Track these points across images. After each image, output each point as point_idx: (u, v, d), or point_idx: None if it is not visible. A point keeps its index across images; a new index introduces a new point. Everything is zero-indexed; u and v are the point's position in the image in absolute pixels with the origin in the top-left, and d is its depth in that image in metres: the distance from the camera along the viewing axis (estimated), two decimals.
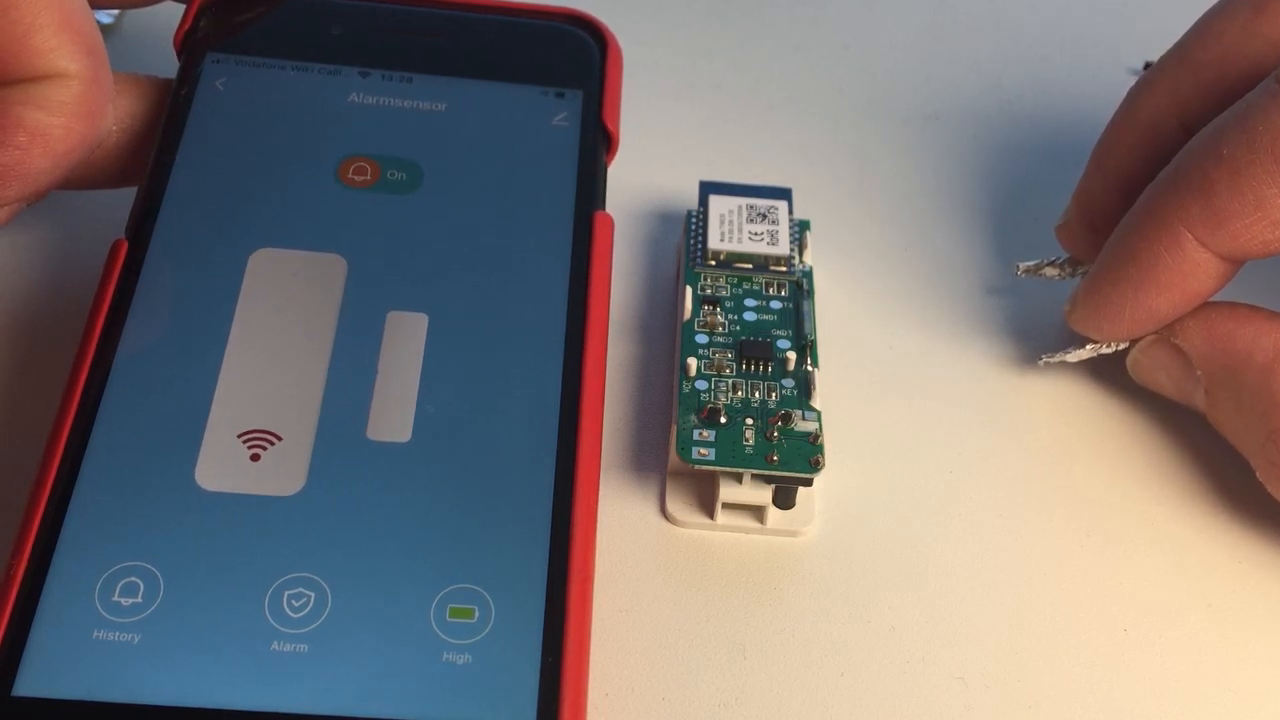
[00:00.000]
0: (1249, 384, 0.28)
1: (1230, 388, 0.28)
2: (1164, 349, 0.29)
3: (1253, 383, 0.28)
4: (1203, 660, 0.27)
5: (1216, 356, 0.28)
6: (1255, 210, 0.26)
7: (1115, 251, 0.29)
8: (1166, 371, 0.30)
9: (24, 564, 0.23)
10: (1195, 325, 0.29)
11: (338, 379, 0.26)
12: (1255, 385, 0.27)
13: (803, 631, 0.27)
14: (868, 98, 0.39)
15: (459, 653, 0.23)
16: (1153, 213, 0.28)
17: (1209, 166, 0.27)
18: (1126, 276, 0.28)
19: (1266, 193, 0.26)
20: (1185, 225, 0.27)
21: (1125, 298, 0.29)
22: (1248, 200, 0.26)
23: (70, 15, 0.26)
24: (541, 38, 0.32)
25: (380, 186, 0.29)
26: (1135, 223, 0.28)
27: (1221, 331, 0.28)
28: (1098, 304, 0.29)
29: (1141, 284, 0.28)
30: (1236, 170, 0.26)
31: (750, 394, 0.28)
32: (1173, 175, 0.28)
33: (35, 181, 0.26)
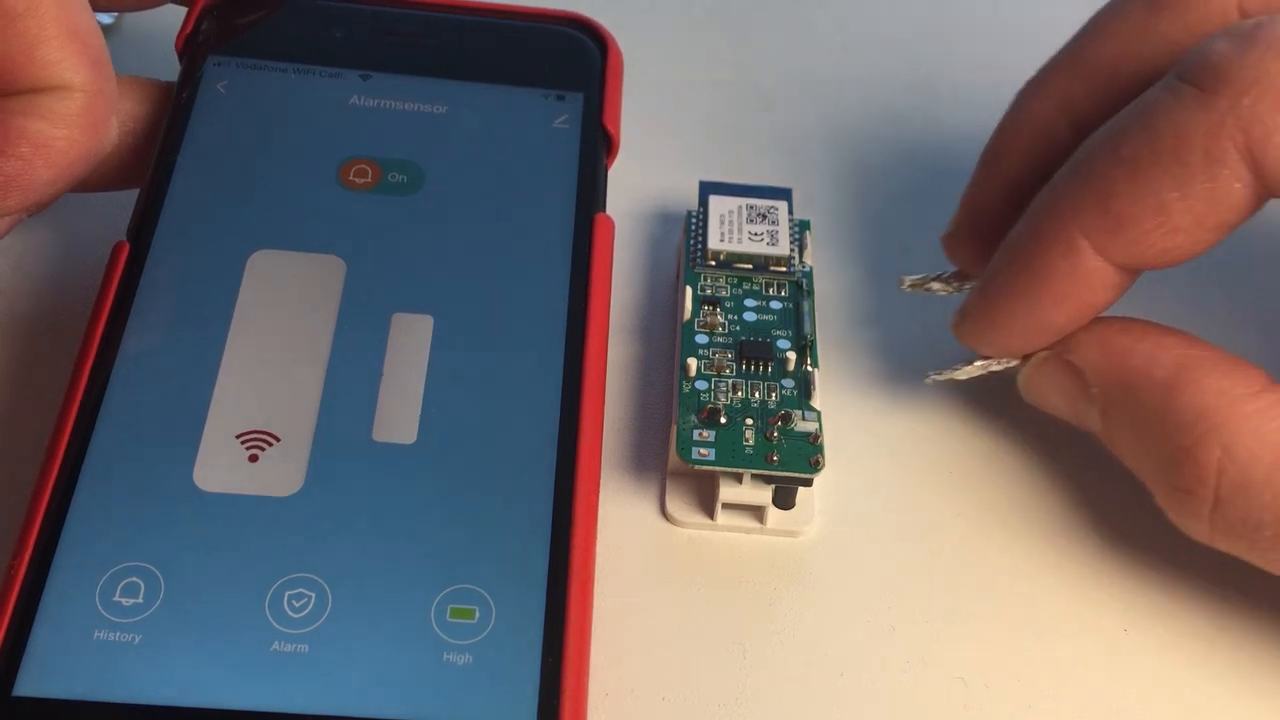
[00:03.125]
0: (1147, 403, 0.26)
1: (1127, 407, 0.26)
2: (1057, 366, 0.28)
3: (1152, 401, 0.26)
4: (1203, 660, 0.27)
5: (1113, 373, 0.27)
6: (1156, 215, 0.25)
7: (1007, 259, 0.27)
8: (1060, 390, 0.28)
9: (25, 564, 0.23)
10: (1090, 340, 0.27)
11: (336, 380, 0.26)
12: (1155, 404, 0.26)
13: (803, 631, 0.27)
14: (868, 98, 0.39)
15: (460, 653, 0.23)
16: (1047, 218, 0.26)
17: (1108, 168, 0.25)
18: (1018, 286, 0.27)
19: (1168, 196, 0.25)
20: (1082, 232, 0.26)
21: (1017, 309, 0.27)
22: (1148, 204, 0.25)
23: (76, 27, 0.26)
24: (542, 41, 0.32)
25: (381, 188, 0.29)
26: (1029, 229, 0.27)
27: (1118, 346, 0.27)
28: (988, 316, 0.28)
29: (1034, 294, 0.27)
30: (1137, 172, 0.25)
31: (750, 394, 0.28)
32: (1069, 178, 0.26)
33: (37, 193, 0.26)
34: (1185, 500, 0.25)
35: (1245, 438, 0.24)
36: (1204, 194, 0.24)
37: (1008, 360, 0.29)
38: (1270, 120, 0.24)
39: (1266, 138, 0.24)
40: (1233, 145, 0.24)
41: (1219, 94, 0.24)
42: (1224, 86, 0.24)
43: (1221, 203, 0.24)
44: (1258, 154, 0.24)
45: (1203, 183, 0.24)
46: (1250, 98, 0.24)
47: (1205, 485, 0.25)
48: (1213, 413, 0.25)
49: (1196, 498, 0.25)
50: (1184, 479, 0.25)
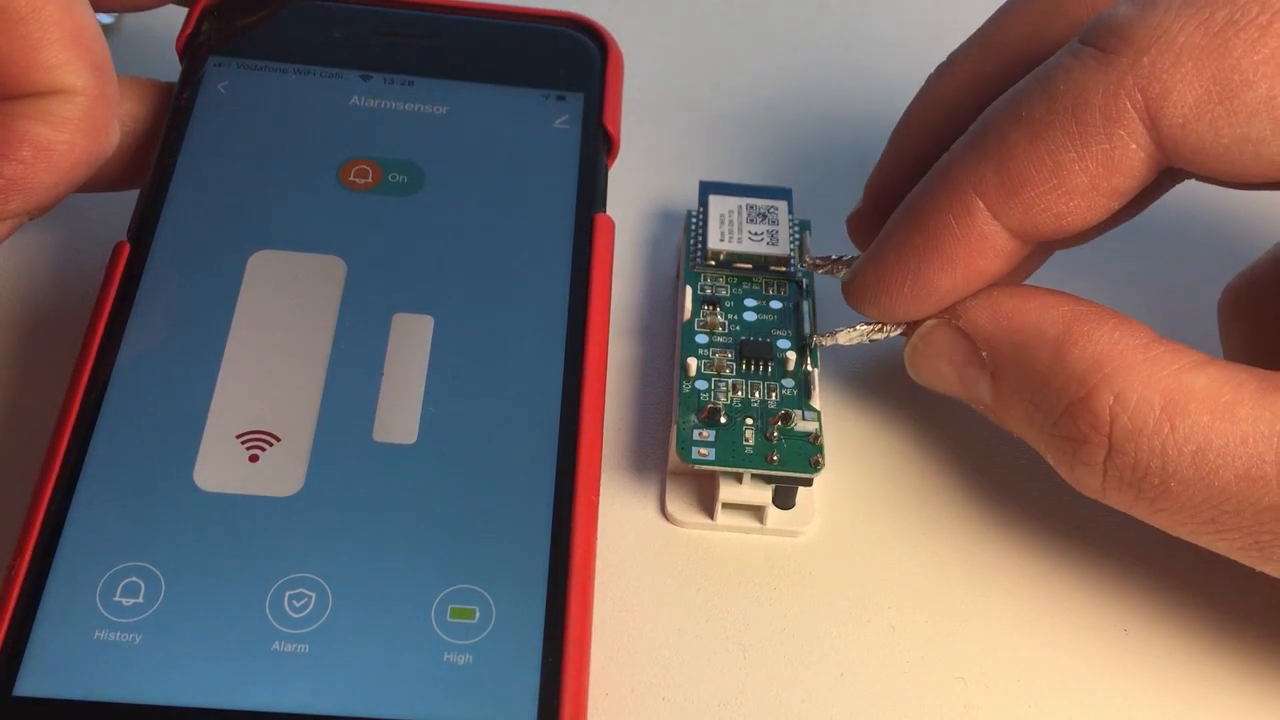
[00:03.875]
0: (1040, 359, 0.26)
1: (1019, 366, 0.26)
2: (946, 332, 0.27)
3: (1044, 358, 0.26)
4: (1203, 660, 0.27)
5: (1003, 334, 0.26)
6: (1052, 176, 0.25)
7: (902, 218, 0.27)
8: (948, 358, 0.28)
9: (26, 564, 0.23)
10: (978, 305, 0.27)
11: (337, 380, 0.26)
12: (1046, 360, 0.26)
13: (803, 631, 0.27)
14: (868, 98, 0.39)
15: (460, 653, 0.23)
16: (944, 178, 0.26)
17: (1006, 129, 0.25)
18: (911, 245, 0.26)
19: (1065, 157, 0.25)
20: (978, 191, 0.25)
21: (907, 270, 0.27)
22: (1045, 165, 0.25)
23: (79, 32, 0.26)
24: (542, 41, 0.32)
25: (382, 189, 0.29)
26: (926, 188, 0.26)
27: (1007, 308, 0.26)
28: (877, 278, 0.27)
29: (926, 256, 0.26)
30: (1035, 132, 0.25)
31: (750, 394, 0.28)
32: (970, 137, 0.26)
33: (38, 196, 0.26)
34: (1079, 450, 0.25)
35: (1137, 385, 0.25)
36: (1100, 155, 0.24)
37: (891, 328, 0.29)
38: (1168, 77, 0.24)
39: (1164, 95, 0.24)
40: (1130, 104, 0.24)
41: (1119, 53, 0.24)
42: (1124, 46, 0.24)
43: (1118, 165, 0.25)
44: (1155, 112, 0.24)
45: (1100, 143, 0.24)
46: (1150, 56, 0.24)
47: (1099, 433, 0.25)
48: (1105, 362, 0.25)
49: (1090, 445, 0.25)
50: (1078, 429, 0.25)
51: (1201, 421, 0.24)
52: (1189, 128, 0.24)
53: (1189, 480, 0.24)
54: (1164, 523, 0.26)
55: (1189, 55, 0.24)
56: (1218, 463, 0.24)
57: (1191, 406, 0.24)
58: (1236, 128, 0.24)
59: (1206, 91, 0.24)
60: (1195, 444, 0.24)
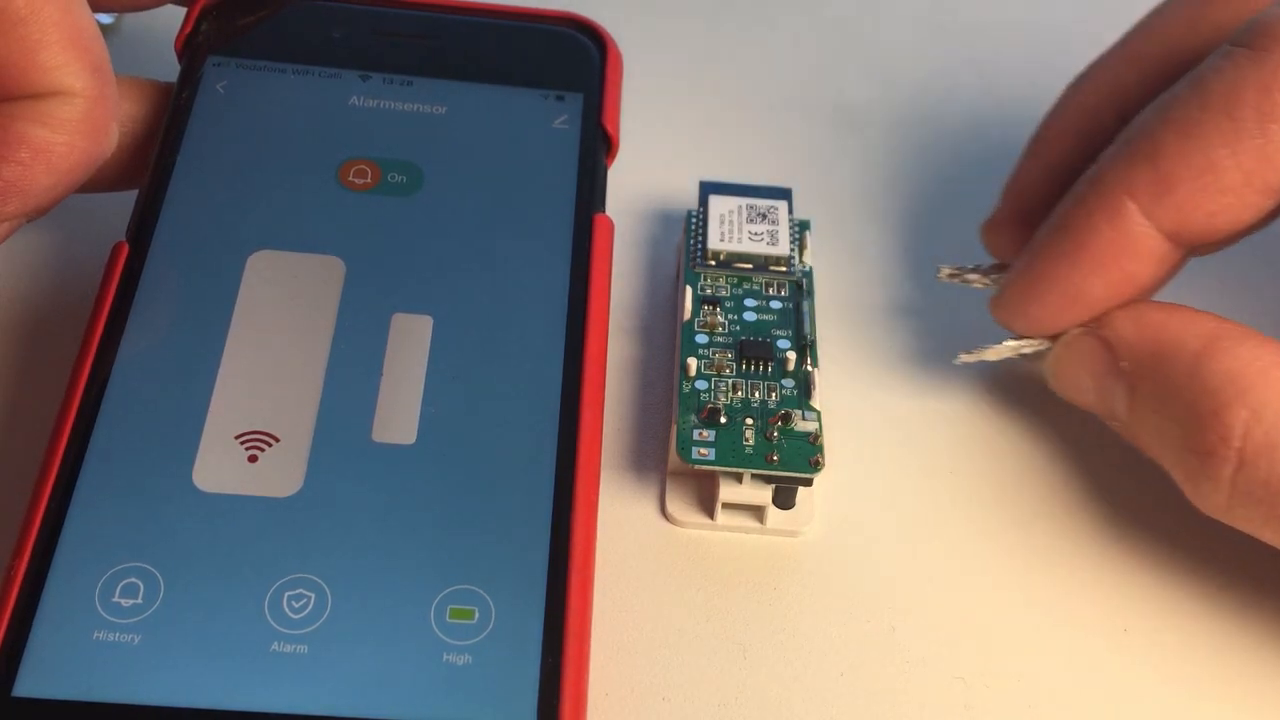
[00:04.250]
0: (1179, 371, 0.26)
1: (1157, 377, 0.26)
2: (1089, 342, 0.28)
3: (1183, 369, 0.26)
4: (1203, 660, 0.27)
5: (1146, 344, 0.27)
6: (1205, 174, 0.25)
7: (1052, 226, 0.27)
8: (1089, 367, 0.28)
9: (24, 565, 0.23)
10: (1124, 315, 0.27)
11: (336, 381, 0.26)
12: (1185, 371, 0.26)
13: (803, 631, 0.27)
14: (868, 98, 0.39)
15: (459, 653, 0.23)
16: (1095, 181, 0.26)
17: (1158, 130, 0.25)
18: (1062, 251, 0.27)
19: (1217, 154, 0.25)
20: (1129, 193, 0.26)
21: (1058, 276, 0.27)
22: (1196, 162, 0.25)
23: (78, 33, 0.26)
24: (541, 41, 0.32)
25: (381, 189, 0.29)
26: (1076, 194, 0.27)
27: (1152, 320, 0.27)
28: (1028, 288, 0.28)
29: (1078, 260, 0.27)
30: (1186, 131, 0.25)
31: (750, 394, 0.28)
32: (1119, 144, 0.26)
33: (37, 198, 0.26)
34: (1207, 463, 0.25)
35: (1274, 400, 0.25)
36: (1254, 150, 0.25)
37: (1038, 342, 0.29)
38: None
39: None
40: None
41: (1272, 51, 0.24)
42: (1277, 44, 0.24)
43: (1272, 161, 0.25)
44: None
45: (1253, 138, 0.24)
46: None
47: (1229, 446, 0.25)
48: (1242, 377, 0.25)
49: (1218, 459, 0.25)
50: (1208, 441, 0.25)
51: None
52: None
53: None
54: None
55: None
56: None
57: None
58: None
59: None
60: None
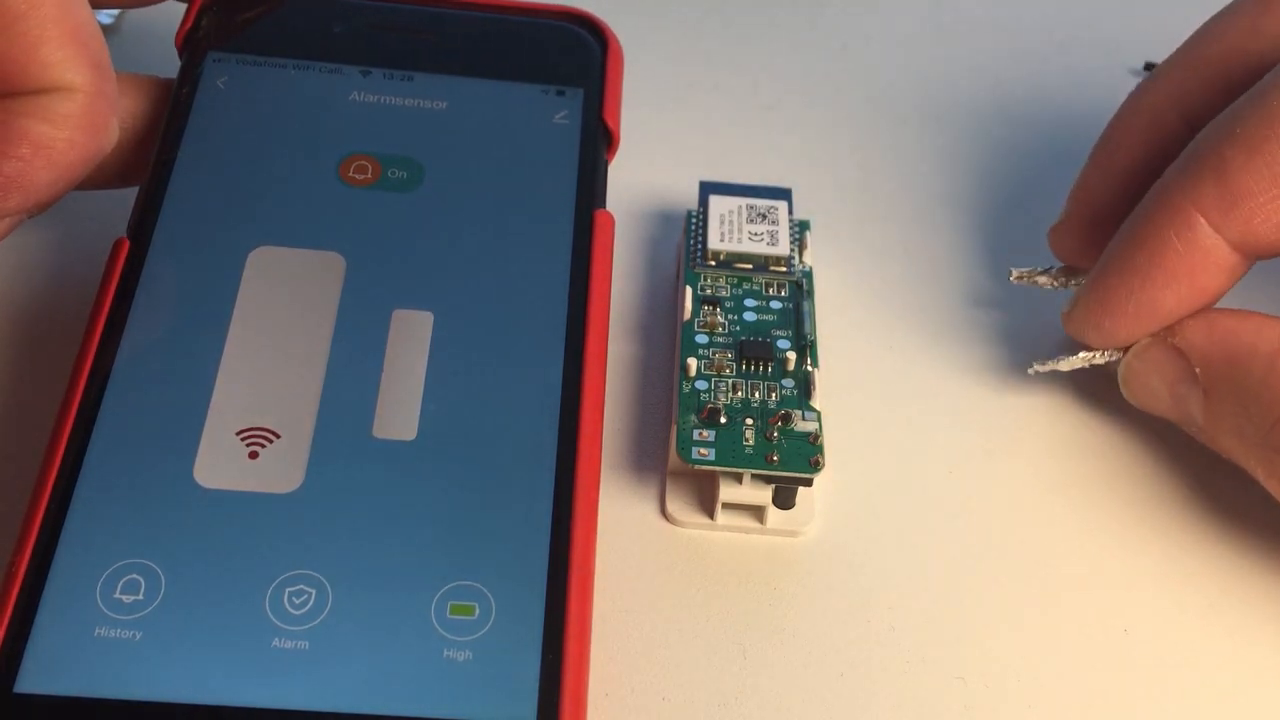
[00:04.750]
0: (1253, 375, 0.27)
1: (1232, 382, 0.27)
2: (1161, 350, 0.28)
3: (1257, 373, 0.27)
4: (1203, 660, 0.27)
5: (1217, 351, 0.27)
6: (1271, 187, 0.26)
7: (1122, 241, 0.28)
8: (1161, 374, 0.28)
9: (26, 561, 0.23)
10: (1195, 324, 0.28)
11: (336, 377, 0.26)
12: (1260, 375, 0.26)
13: (803, 631, 0.27)
14: (868, 98, 0.39)
15: (460, 649, 0.23)
16: (1163, 197, 0.27)
17: (1223, 146, 0.26)
18: (1133, 265, 0.27)
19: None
20: (1198, 207, 0.26)
21: (1130, 290, 0.28)
22: (1264, 176, 0.26)
23: (77, 29, 0.26)
24: (542, 36, 0.32)
25: (381, 185, 0.29)
26: (1145, 210, 0.27)
27: (1223, 327, 0.27)
28: (1100, 300, 0.28)
29: (1149, 274, 0.27)
30: (1253, 147, 0.26)
31: (750, 394, 0.28)
32: (1185, 160, 0.27)
33: (37, 194, 0.26)
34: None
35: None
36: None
37: (1110, 353, 0.29)
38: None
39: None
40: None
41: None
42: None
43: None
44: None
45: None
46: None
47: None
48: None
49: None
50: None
51: None
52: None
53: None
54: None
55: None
56: None
57: None
58: None
59: None
60: None
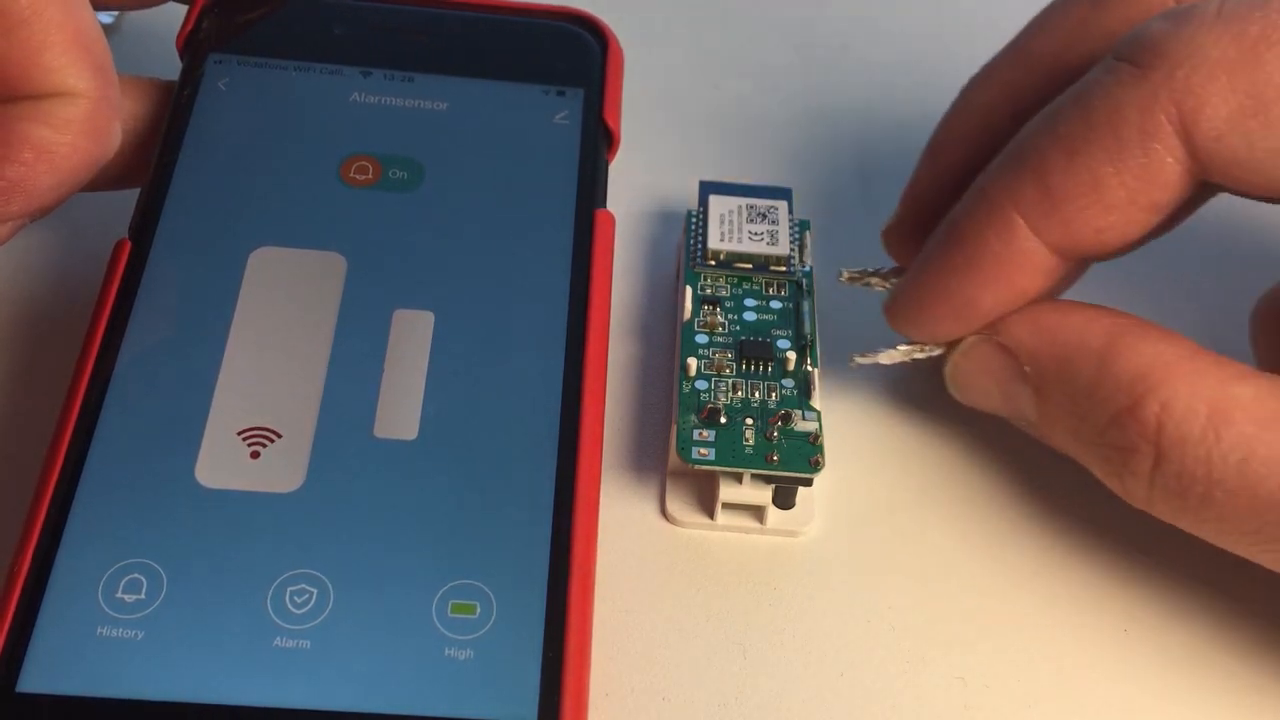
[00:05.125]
0: (1085, 372, 0.26)
1: (1063, 380, 0.26)
2: (988, 349, 0.28)
3: (1088, 370, 0.26)
4: (1203, 660, 0.27)
5: (1046, 348, 0.27)
6: (1091, 191, 0.25)
7: (942, 238, 0.27)
8: (991, 374, 0.28)
9: (28, 561, 0.23)
10: (1020, 320, 0.27)
11: (337, 377, 0.26)
12: (1091, 373, 0.26)
13: (803, 631, 0.27)
14: (868, 98, 0.39)
15: (461, 648, 0.23)
16: (983, 196, 0.26)
17: (1044, 146, 0.25)
18: (952, 265, 0.27)
19: (1103, 172, 0.25)
20: (1017, 209, 0.26)
21: (948, 289, 0.27)
22: (1083, 180, 0.25)
23: (81, 34, 0.26)
24: (542, 36, 0.32)
25: (382, 185, 0.29)
26: (965, 207, 0.27)
27: (1049, 322, 0.27)
28: (918, 298, 0.28)
29: (967, 274, 0.27)
30: (1073, 149, 0.25)
31: (750, 394, 0.28)
32: (1007, 157, 0.26)
33: (39, 199, 0.26)
34: (1128, 459, 0.26)
35: (1183, 393, 0.25)
36: (1138, 169, 0.25)
37: (933, 347, 0.29)
38: (1203, 92, 0.24)
39: (1199, 110, 0.24)
40: (1166, 119, 0.24)
41: (1154, 68, 0.24)
42: (1159, 61, 0.24)
43: (1155, 179, 0.25)
44: (1190, 126, 0.24)
45: (1137, 158, 0.25)
46: (1184, 70, 0.24)
47: (1147, 441, 0.25)
48: (1151, 372, 0.25)
49: (1139, 454, 0.25)
50: (1126, 437, 0.25)
51: (1247, 432, 0.24)
52: (1223, 141, 0.24)
53: (1233, 490, 0.24)
54: (1209, 533, 0.26)
55: (1223, 69, 0.24)
56: (1262, 472, 0.24)
57: (1237, 416, 0.24)
58: (1271, 140, 0.24)
59: (1240, 105, 0.24)
60: (1240, 454, 0.24)
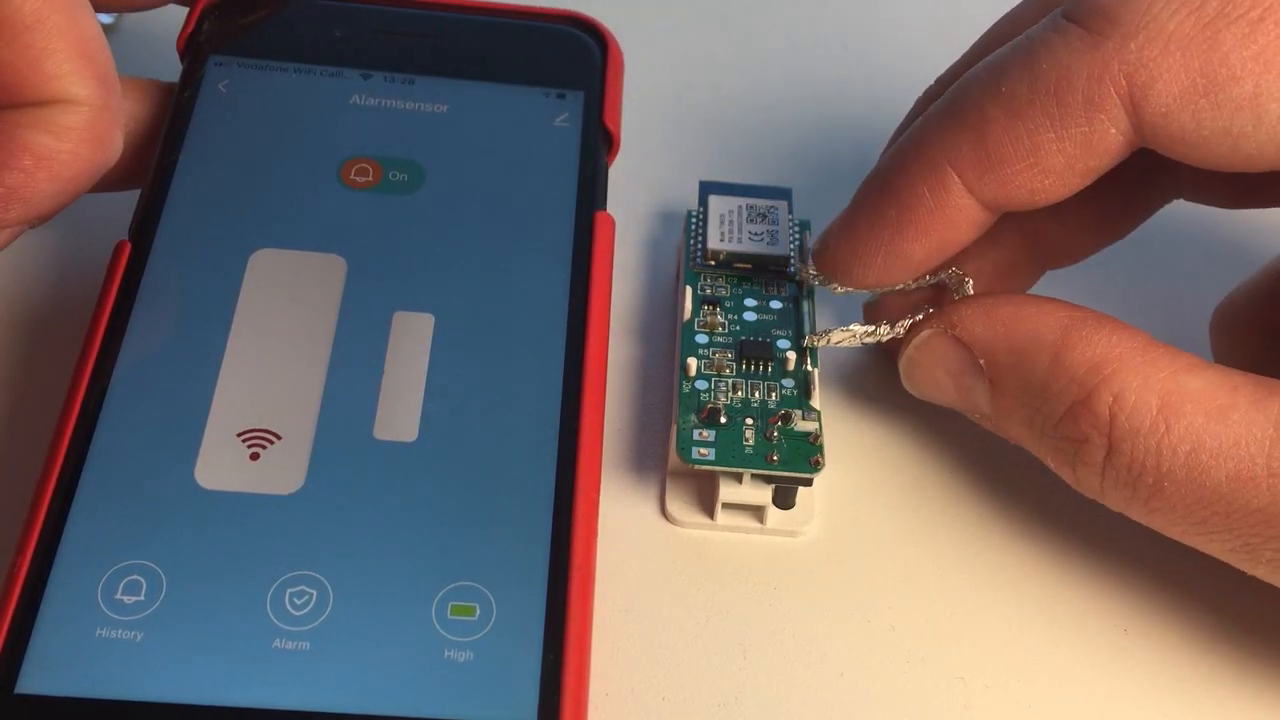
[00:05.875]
0: (1039, 364, 0.26)
1: (1018, 372, 0.26)
2: (942, 342, 0.28)
3: (1043, 362, 0.26)
4: (1202, 660, 0.27)
5: (1000, 341, 0.27)
6: (1029, 155, 0.25)
7: (875, 188, 0.27)
8: (945, 366, 0.28)
9: (27, 562, 0.23)
10: (974, 312, 0.27)
11: (337, 378, 0.26)
12: (1046, 364, 0.26)
13: (803, 631, 0.27)
14: (868, 98, 0.39)
15: (460, 650, 0.23)
16: (918, 150, 0.26)
17: (986, 104, 0.25)
18: (884, 217, 0.27)
19: (1043, 138, 0.25)
20: (954, 166, 0.25)
21: (881, 241, 0.27)
22: (1023, 143, 0.25)
23: (84, 42, 0.26)
24: (542, 39, 0.32)
25: (382, 187, 0.29)
26: (900, 158, 0.26)
27: (1003, 315, 0.27)
28: (850, 245, 0.27)
29: (900, 227, 0.26)
30: (1015, 110, 0.25)
31: (750, 394, 0.28)
32: (945, 110, 0.26)
33: (39, 205, 0.26)
34: (1080, 450, 0.26)
35: (1135, 385, 0.25)
36: (1079, 137, 0.24)
37: (884, 330, 0.29)
38: (1155, 65, 0.24)
39: (1150, 83, 0.24)
40: (1114, 89, 0.24)
41: (1106, 36, 0.24)
42: (1111, 29, 0.24)
43: (1095, 148, 0.25)
44: (1138, 99, 0.24)
45: (1079, 125, 0.24)
46: (1138, 42, 0.24)
47: (1100, 433, 0.25)
48: (1104, 364, 0.25)
49: (1091, 445, 0.25)
50: (1080, 429, 0.25)
51: (1196, 423, 0.24)
52: (1171, 117, 0.24)
53: (1182, 481, 0.24)
54: (1157, 523, 0.26)
55: (1177, 44, 0.23)
56: (1210, 464, 0.24)
57: (1187, 408, 0.24)
58: (1219, 120, 0.24)
59: (1192, 83, 0.23)
60: (1189, 445, 0.24)
